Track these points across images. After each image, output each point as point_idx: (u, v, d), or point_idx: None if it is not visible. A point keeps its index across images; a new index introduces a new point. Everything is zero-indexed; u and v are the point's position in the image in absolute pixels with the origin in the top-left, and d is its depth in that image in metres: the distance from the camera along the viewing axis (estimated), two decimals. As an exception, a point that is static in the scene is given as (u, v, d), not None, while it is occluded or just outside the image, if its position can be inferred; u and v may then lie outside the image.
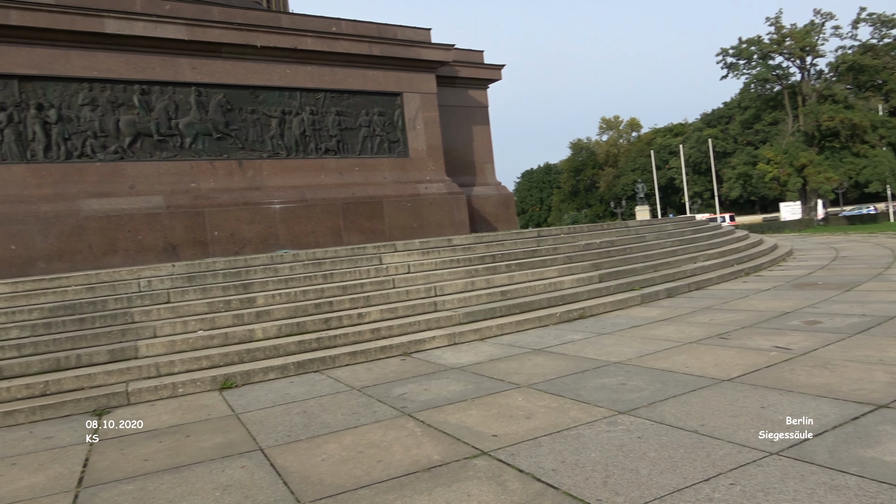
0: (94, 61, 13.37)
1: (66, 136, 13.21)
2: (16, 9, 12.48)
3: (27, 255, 12.62)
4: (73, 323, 7.58)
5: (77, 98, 13.28)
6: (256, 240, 14.62)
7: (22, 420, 6.07)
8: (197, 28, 14.04)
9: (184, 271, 8.98)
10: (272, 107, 15.17)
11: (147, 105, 13.89)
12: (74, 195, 13.17)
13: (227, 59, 14.63)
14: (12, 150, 12.79)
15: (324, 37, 15.46)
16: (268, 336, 7.77)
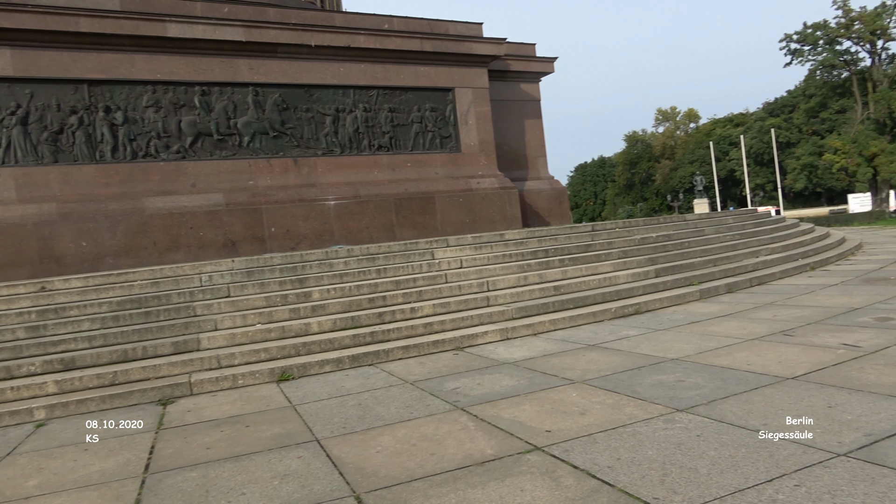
0: (158, 64, 13.87)
1: (132, 137, 13.76)
2: (85, 16, 13.06)
3: (97, 252, 13.21)
4: (139, 316, 7.90)
5: (141, 100, 13.82)
6: (311, 235, 14.90)
7: (93, 408, 6.36)
8: (254, 29, 14.39)
9: (243, 266, 9.24)
10: (326, 105, 15.42)
11: (207, 106, 14.33)
12: (140, 194, 13.71)
13: (283, 59, 14.94)
14: (83, 152, 13.41)
15: (376, 34, 15.60)
16: (323, 330, 7.91)
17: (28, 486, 4.48)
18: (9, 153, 12.84)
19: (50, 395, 6.54)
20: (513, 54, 18.75)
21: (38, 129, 13.04)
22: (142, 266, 13.10)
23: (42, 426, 6.07)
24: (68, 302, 8.23)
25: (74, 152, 13.34)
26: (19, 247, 12.67)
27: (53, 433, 5.82)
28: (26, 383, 6.60)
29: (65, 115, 13.23)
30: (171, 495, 4.04)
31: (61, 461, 4.99)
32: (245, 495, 3.93)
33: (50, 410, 6.23)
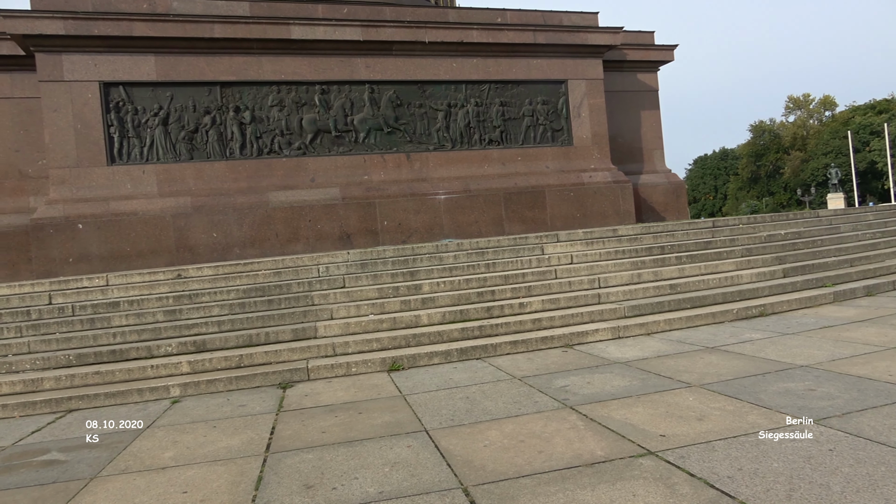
0: (282, 65, 14.64)
1: (258, 134, 14.63)
2: (219, 23, 14.01)
3: (226, 242, 14.19)
4: (262, 304, 8.40)
5: (267, 100, 14.65)
6: (422, 229, 15.19)
7: (221, 388, 6.84)
8: (371, 28, 14.83)
9: (357, 258, 9.57)
10: (439, 100, 15.63)
11: (326, 104, 14.96)
12: (264, 188, 14.56)
13: (398, 57, 15.29)
14: (215, 149, 14.42)
15: (489, 28, 15.59)
16: (432, 322, 8.04)
17: (164, 458, 4.88)
18: (152, 151, 14.05)
19: (184, 374, 7.09)
20: (629, 43, 18.11)
21: (176, 128, 14.17)
22: (265, 256, 13.92)
23: (177, 403, 6.60)
24: (201, 289, 8.89)
25: (207, 150, 14.38)
26: (159, 237, 13.85)
27: (187, 410, 6.30)
28: (164, 363, 7.20)
29: (199, 116, 14.28)
30: (290, 475, 4.26)
31: (193, 436, 5.40)
32: (357, 480, 4.06)
33: (184, 388, 6.76)
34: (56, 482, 4.53)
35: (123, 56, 13.82)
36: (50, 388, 6.89)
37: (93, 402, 6.59)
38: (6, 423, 6.36)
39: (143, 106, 14.00)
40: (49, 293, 8.86)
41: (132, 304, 8.47)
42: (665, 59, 18.71)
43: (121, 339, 7.73)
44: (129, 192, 13.88)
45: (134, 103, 13.95)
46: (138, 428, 5.78)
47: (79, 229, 13.38)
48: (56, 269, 13.23)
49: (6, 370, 7.24)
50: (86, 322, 8.07)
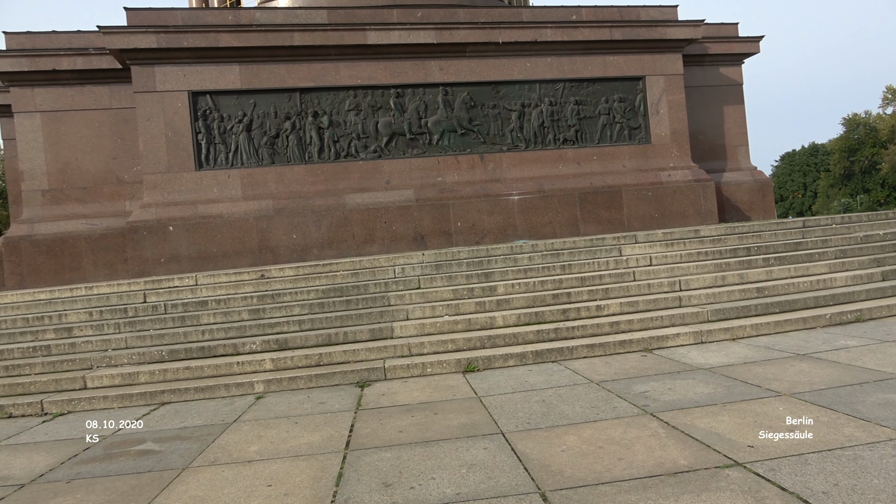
0: (358, 70, 14.96)
1: (336, 138, 15.01)
2: (299, 31, 14.46)
3: (305, 243, 14.63)
4: (341, 304, 8.61)
5: (344, 104, 15.01)
6: (495, 230, 15.15)
7: (301, 386, 7.05)
8: (444, 31, 14.93)
9: (432, 260, 9.66)
10: (512, 100, 15.55)
11: (401, 107, 15.17)
12: (341, 191, 14.92)
13: (471, 58, 15.32)
14: (294, 154, 14.90)
15: (563, 26, 15.39)
16: (507, 324, 8.01)
17: (250, 451, 5.08)
18: (237, 156, 14.66)
19: (267, 371, 7.36)
20: (711, 36, 17.44)
21: (259, 134, 14.73)
22: (342, 257, 14.27)
23: (261, 398, 6.86)
24: (282, 289, 9.21)
25: (288, 154, 14.87)
26: (243, 238, 14.43)
27: (270, 405, 6.54)
28: (248, 360, 7.49)
29: (280, 121, 14.79)
30: (369, 472, 4.34)
31: (276, 431, 5.59)
32: (434, 480, 4.10)
33: (267, 385, 7.02)
34: (151, 471, 4.80)
35: (210, 66, 14.49)
36: (145, 381, 7.30)
37: (183, 396, 6.94)
38: (106, 413, 6.79)
39: (228, 113, 14.63)
40: (144, 292, 9.40)
41: (219, 303, 8.87)
42: (750, 51, 17.92)
43: (209, 337, 8.11)
44: (216, 196, 14.54)
45: (220, 111, 14.60)
46: (225, 422, 6.04)
47: (169, 231, 14.14)
48: (149, 269, 14.02)
49: (106, 364, 7.73)
50: (177, 320, 8.51)
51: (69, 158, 15.30)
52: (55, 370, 7.68)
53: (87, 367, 7.67)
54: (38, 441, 5.97)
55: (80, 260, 14.94)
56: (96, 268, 14.99)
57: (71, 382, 7.29)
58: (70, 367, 7.69)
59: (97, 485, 4.59)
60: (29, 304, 9.27)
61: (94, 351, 8.01)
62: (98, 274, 14.96)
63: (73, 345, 8.12)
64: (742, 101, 18.18)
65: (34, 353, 8.07)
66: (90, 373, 7.43)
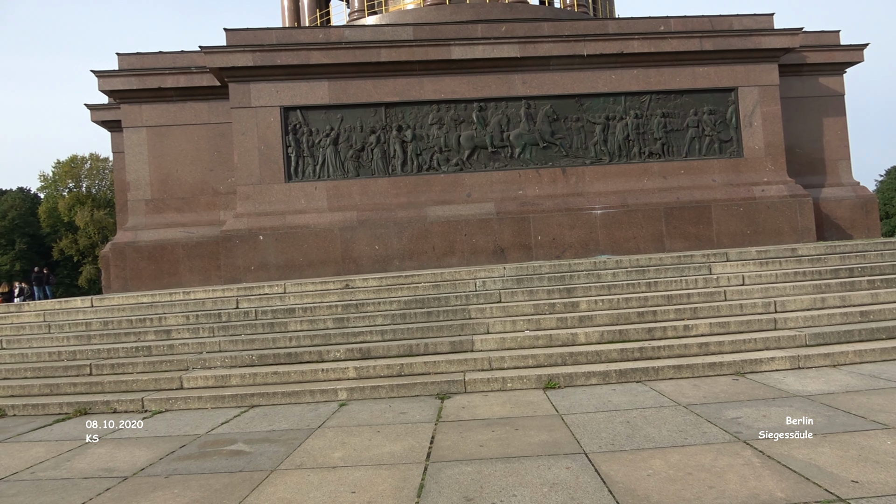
0: (442, 85, 15.18)
1: (418, 152, 15.26)
2: (385, 47, 14.85)
3: (386, 254, 14.92)
4: (422, 315, 8.71)
5: (427, 118, 15.25)
6: (577, 244, 14.93)
7: (383, 395, 7.16)
8: (528, 45, 14.93)
9: (513, 274, 9.62)
10: (596, 113, 15.34)
11: (483, 120, 15.26)
12: (423, 203, 15.13)
13: (555, 71, 15.23)
14: (378, 166, 15.25)
15: (650, 38, 15.06)
16: (590, 341, 7.86)
17: (334, 457, 5.20)
18: (323, 169, 15.16)
19: (350, 379, 7.53)
20: (810, 45, 16.59)
21: (345, 147, 15.19)
22: (423, 268, 14.44)
23: (344, 406, 7.01)
24: (366, 299, 9.42)
25: (372, 167, 15.24)
26: (328, 248, 14.88)
27: (353, 413, 6.68)
28: (333, 367, 7.69)
29: (366, 135, 15.19)
30: (450, 485, 4.35)
31: (359, 439, 5.70)
32: (515, 497, 4.06)
33: (350, 393, 7.18)
34: (242, 471, 5.00)
35: (301, 82, 15.09)
36: (236, 384, 7.63)
37: (271, 400, 7.20)
38: (200, 413, 7.13)
39: (317, 127, 15.16)
40: (236, 298, 9.85)
41: (306, 311, 9.17)
42: (853, 60, 16.91)
43: (295, 343, 8.39)
44: (303, 207, 15.08)
45: (309, 125, 15.16)
46: (311, 427, 6.21)
47: (260, 240, 14.76)
48: (240, 276, 14.68)
49: (201, 366, 8.13)
50: (266, 326, 8.86)
51: (170, 170, 16.27)
52: (155, 370, 8.15)
53: (183, 369, 8.10)
54: (140, 436, 6.34)
55: (178, 266, 15.83)
56: (192, 273, 15.84)
57: (169, 382, 7.72)
58: (168, 368, 8.14)
59: (192, 481, 4.82)
60: (133, 307, 9.90)
61: (190, 353, 8.46)
62: (193, 279, 15.79)
63: (171, 346, 8.60)
64: (843, 112, 17.16)
65: (136, 353, 8.60)
66: (186, 374, 7.84)
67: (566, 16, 18.94)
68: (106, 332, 9.25)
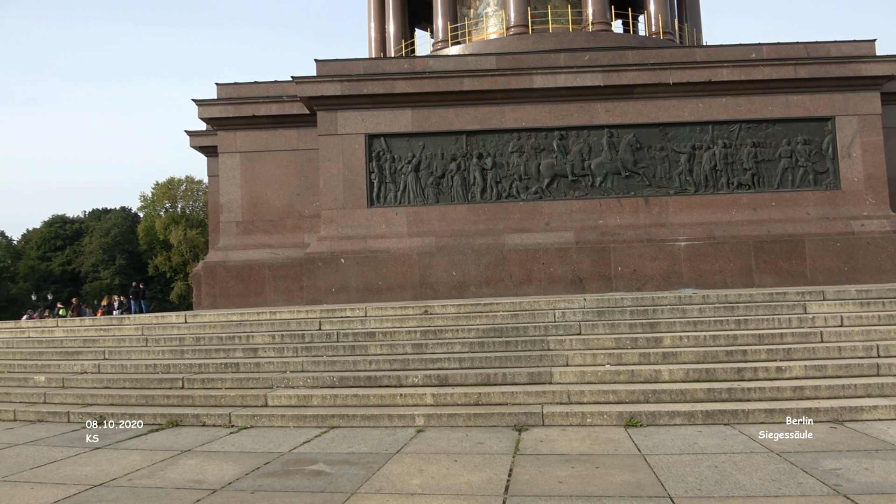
0: (523, 113, 15.27)
1: (498, 179, 15.35)
2: (468, 77, 15.11)
3: (463, 280, 15.00)
4: (500, 344, 8.68)
5: (508, 146, 15.34)
6: (658, 276, 14.53)
7: (460, 423, 7.16)
8: (612, 73, 14.83)
9: (593, 305, 9.46)
10: (681, 142, 14.99)
11: (564, 149, 15.20)
12: (501, 231, 15.17)
13: (639, 99, 15.04)
14: (458, 193, 15.44)
15: (741, 65, 14.66)
16: (674, 379, 7.60)
17: (412, 484, 5.23)
18: (404, 195, 15.48)
19: (428, 405, 7.57)
20: (917, 72, 15.66)
21: (426, 174, 15.47)
22: (499, 296, 14.42)
23: (421, 432, 7.05)
24: (444, 325, 9.49)
25: (451, 194, 15.44)
26: (406, 272, 15.12)
27: (430, 440, 6.70)
28: (410, 392, 7.77)
29: (446, 162, 15.44)
30: (530, 522, 4.28)
31: (436, 467, 5.71)
32: (599, 540, 3.95)
33: (427, 419, 7.21)
34: (324, 492, 5.10)
35: (385, 111, 15.55)
36: (317, 404, 7.82)
37: (351, 422, 7.33)
38: (283, 431, 7.35)
39: (399, 154, 15.54)
40: (319, 320, 10.14)
41: (385, 336, 9.33)
42: (966, 87, 15.83)
43: (375, 367, 8.54)
44: (383, 232, 15.43)
45: (391, 152, 15.56)
46: (389, 452, 6.28)
47: (341, 263, 15.18)
48: (321, 297, 15.12)
49: (285, 385, 8.40)
50: (347, 348, 9.07)
51: (260, 194, 17.05)
52: (242, 386, 8.48)
53: (268, 386, 8.38)
54: (227, 451, 6.59)
55: (263, 285, 16.48)
56: (276, 293, 16.44)
57: (254, 399, 8.00)
58: (254, 385, 8.45)
59: (276, 499, 4.96)
60: (223, 324, 10.37)
61: (274, 371, 8.75)
62: (277, 299, 16.39)
63: (257, 364, 8.94)
64: (957, 141, 16.05)
65: (225, 369, 8.98)
66: (271, 391, 8.11)
67: (651, 44, 18.71)
68: (198, 348, 9.73)
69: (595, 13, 18.70)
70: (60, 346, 10.70)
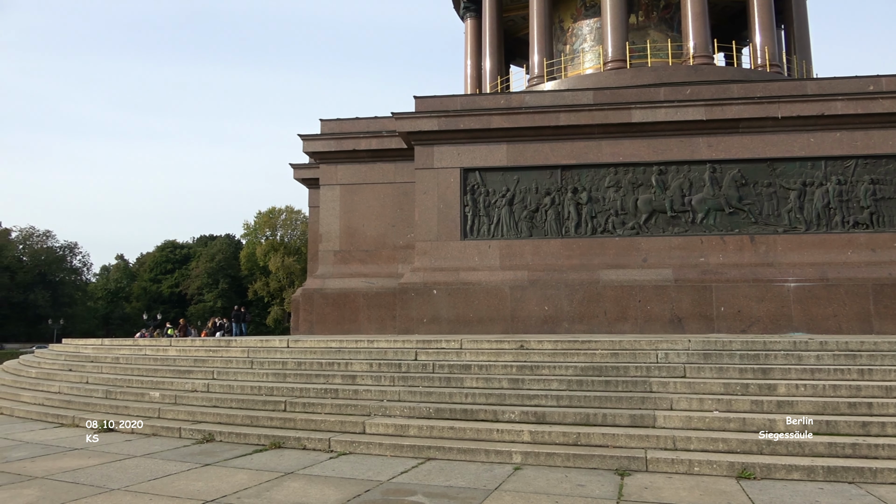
0: (620, 148, 15.06)
1: (593, 214, 15.14)
2: (564, 112, 15.11)
3: (555, 315, 14.78)
4: (599, 384, 8.45)
5: (604, 181, 15.14)
6: (765, 319, 13.78)
7: (558, 463, 6.98)
8: (715, 107, 14.42)
9: (699, 348, 9.07)
10: (791, 178, 14.29)
11: (663, 184, 14.83)
12: (595, 266, 14.89)
13: (744, 134, 14.52)
14: (552, 228, 15.33)
15: (857, 98, 13.88)
16: (790, 430, 7.11)
17: (515, 524, 5.13)
18: (497, 228, 15.55)
19: (525, 442, 7.45)
20: None
21: (519, 208, 15.49)
22: (592, 332, 14.08)
23: (518, 469, 6.93)
24: (541, 361, 9.35)
25: (545, 228, 15.36)
26: (498, 306, 15.08)
27: (528, 479, 6.57)
28: (507, 428, 7.67)
29: (540, 196, 15.40)
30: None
31: (537, 508, 5.59)
32: None
33: (524, 457, 7.09)
34: (426, 526, 5.09)
35: (480, 145, 15.77)
36: (414, 435, 7.86)
37: (447, 455, 7.31)
38: (381, 459, 7.42)
39: (493, 188, 15.66)
40: (415, 350, 10.25)
41: (481, 369, 9.29)
42: None
43: (471, 400, 8.50)
44: (475, 264, 15.50)
45: (486, 186, 15.71)
46: (487, 488, 6.21)
47: (433, 294, 15.36)
48: (413, 328, 15.31)
49: (382, 413, 8.51)
50: (443, 380, 9.10)
51: (357, 225, 17.60)
52: (340, 412, 8.66)
53: (366, 414, 8.52)
54: (328, 475, 6.73)
55: (358, 313, 16.89)
56: (369, 322, 16.80)
57: (353, 426, 8.15)
58: (352, 412, 8.61)
59: (381, 529, 5.00)
60: (323, 350, 10.68)
61: (372, 399, 8.89)
62: (370, 327, 16.74)
63: (355, 391, 9.11)
64: None
65: (325, 394, 9.21)
66: (368, 419, 8.24)
67: (757, 77, 18.09)
68: (299, 372, 10.04)
69: (697, 46, 18.32)
70: (173, 364, 11.34)
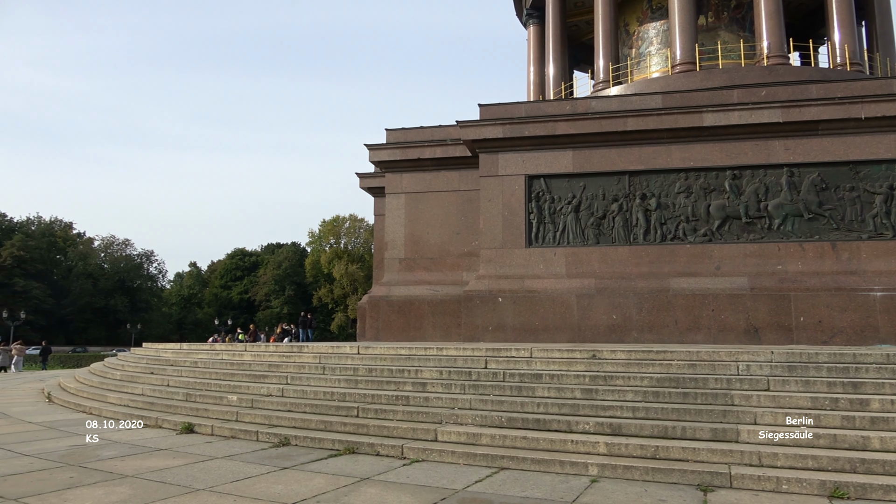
0: (691, 153, 14.66)
1: (663, 221, 14.78)
2: (632, 117, 14.84)
3: (623, 324, 14.48)
4: (677, 396, 8.22)
5: (674, 187, 14.76)
6: (849, 329, 13.12)
7: (637, 476, 6.81)
8: (792, 109, 13.87)
9: (783, 359, 8.69)
10: (876, 182, 13.59)
11: (737, 189, 14.35)
12: (665, 274, 14.52)
13: (824, 136, 13.91)
14: (619, 235, 15.05)
15: (950, 96, 13.09)
16: (886, 448, 6.73)
17: (598, 538, 5.03)
18: (563, 236, 15.37)
19: (600, 454, 7.31)
20: None
21: (586, 215, 15.28)
22: (662, 342, 13.72)
23: (595, 482, 6.80)
24: (614, 371, 9.17)
25: (612, 235, 15.09)
26: (564, 314, 14.90)
27: (606, 492, 6.44)
28: (582, 439, 7.55)
29: (608, 203, 15.15)
30: None
31: (620, 522, 5.46)
32: None
33: (601, 469, 6.95)
34: (507, 537, 5.05)
35: (545, 152, 15.65)
36: (486, 443, 7.83)
37: (521, 465, 7.25)
38: (453, 467, 7.42)
39: (559, 195, 15.51)
40: (485, 358, 10.23)
41: (552, 378, 9.19)
42: None
43: (543, 410, 8.41)
44: (541, 272, 15.37)
45: (551, 193, 15.56)
46: (564, 500, 6.12)
47: (498, 302, 15.30)
48: (478, 335, 15.29)
49: (453, 421, 8.52)
50: (514, 389, 9.04)
51: (421, 232, 17.73)
52: (412, 419, 8.71)
53: (437, 421, 8.54)
54: (402, 482, 6.77)
55: (423, 321, 17.00)
56: (434, 329, 16.88)
57: (425, 433, 8.19)
58: (424, 419, 8.65)
59: (462, 539, 4.99)
60: (393, 357, 10.78)
61: (443, 407, 8.91)
62: (435, 335, 16.82)
63: (426, 399, 9.16)
64: None
65: (396, 401, 9.29)
66: (440, 427, 8.26)
67: (836, 76, 17.30)
68: (370, 379, 10.17)
69: (771, 46, 17.68)
70: (249, 369, 11.68)
